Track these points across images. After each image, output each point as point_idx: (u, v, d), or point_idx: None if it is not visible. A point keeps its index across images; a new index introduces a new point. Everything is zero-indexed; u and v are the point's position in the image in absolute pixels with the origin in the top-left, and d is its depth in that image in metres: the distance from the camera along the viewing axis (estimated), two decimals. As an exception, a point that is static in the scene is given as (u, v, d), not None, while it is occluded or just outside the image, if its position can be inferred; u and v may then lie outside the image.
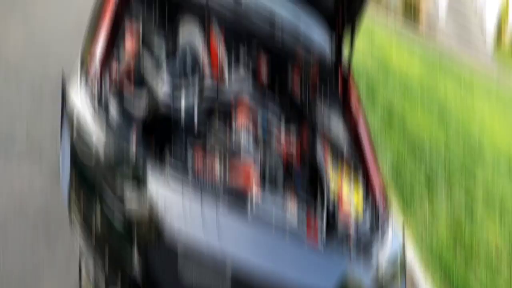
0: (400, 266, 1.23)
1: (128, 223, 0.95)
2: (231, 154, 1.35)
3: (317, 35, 1.97)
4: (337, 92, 1.81)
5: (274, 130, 1.56)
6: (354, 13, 1.64)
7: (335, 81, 1.85)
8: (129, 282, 0.95)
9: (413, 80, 6.22)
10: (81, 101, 1.07)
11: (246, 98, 1.57)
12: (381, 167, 3.14)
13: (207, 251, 0.94)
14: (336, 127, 1.64)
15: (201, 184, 1.13)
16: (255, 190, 1.24)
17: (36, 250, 1.41)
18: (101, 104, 1.08)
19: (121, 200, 0.95)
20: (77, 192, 1.03)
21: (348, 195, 1.34)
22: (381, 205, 1.30)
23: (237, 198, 1.12)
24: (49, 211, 1.51)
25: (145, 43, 1.54)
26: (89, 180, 1.04)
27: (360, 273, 1.12)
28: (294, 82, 1.87)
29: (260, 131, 1.51)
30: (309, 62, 1.86)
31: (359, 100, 1.77)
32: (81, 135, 1.03)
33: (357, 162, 1.48)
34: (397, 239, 1.25)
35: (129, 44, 1.40)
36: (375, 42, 7.52)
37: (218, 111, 1.54)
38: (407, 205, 2.95)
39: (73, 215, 1.02)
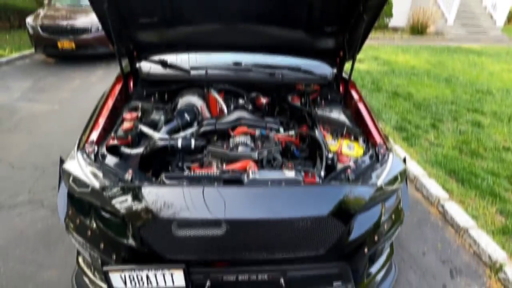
0: (400, 183, 1.54)
1: (122, 219, 1.32)
2: (229, 157, 1.63)
3: (318, 69, 2.37)
4: (338, 94, 2.31)
5: (272, 133, 1.89)
6: (354, 50, 2.03)
7: (336, 87, 2.35)
8: (124, 250, 1.34)
9: (418, 69, 7.06)
10: (77, 165, 1.46)
11: (244, 123, 1.91)
12: (388, 121, 4.12)
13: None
14: (337, 115, 2.06)
15: (196, 175, 1.46)
16: (252, 167, 1.53)
17: (38, 252, 2.07)
18: (97, 160, 1.51)
19: (114, 208, 1.30)
20: (73, 216, 1.48)
21: (348, 150, 1.76)
22: (381, 147, 1.65)
23: (233, 176, 1.44)
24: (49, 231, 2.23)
25: (143, 120, 1.96)
26: (84, 207, 1.47)
27: (360, 191, 1.40)
28: (294, 100, 2.28)
29: (258, 133, 1.85)
30: (309, 87, 2.34)
31: (360, 94, 2.18)
32: (76, 183, 1.43)
33: (358, 130, 1.90)
34: (397, 166, 1.58)
35: (126, 125, 1.81)
36: (382, 52, 8.72)
37: (217, 134, 1.90)
38: (413, 141, 3.69)
39: (70, 230, 1.45)
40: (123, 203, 1.33)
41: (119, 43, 2.02)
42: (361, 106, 2.06)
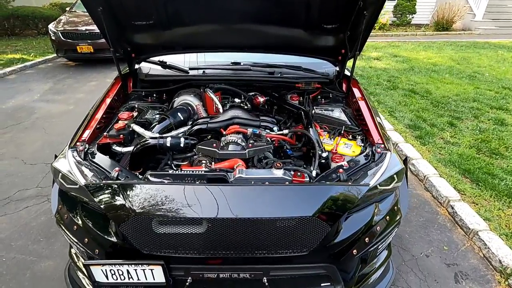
0: (396, 183, 1.52)
1: (104, 215, 1.33)
2: (218, 156, 1.62)
3: (320, 67, 2.34)
4: (340, 92, 2.26)
5: (264, 132, 1.86)
6: (356, 48, 1.98)
7: (339, 85, 2.30)
8: (106, 245, 1.36)
9: (440, 66, 6.72)
10: (66, 163, 1.52)
11: (237, 121, 1.91)
12: (401, 119, 3.94)
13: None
14: (337, 114, 2.04)
15: (180, 173, 1.46)
16: (240, 166, 1.54)
17: (38, 243, 2.16)
18: (87, 158, 1.57)
19: (97, 204, 1.32)
20: (62, 211, 1.53)
21: (345, 149, 1.74)
22: (378, 147, 1.62)
23: (217, 174, 1.43)
24: (51, 224, 2.31)
25: (138, 119, 1.99)
26: (71, 202, 1.52)
27: (349, 192, 1.37)
28: (293, 99, 2.22)
29: (250, 131, 1.83)
30: (310, 85, 2.28)
31: (362, 92, 2.13)
32: (64, 180, 1.48)
33: (357, 129, 1.90)
34: (394, 166, 1.54)
35: (119, 124, 1.84)
36: (402, 50, 8.42)
37: (211, 132, 1.92)
38: (426, 139, 3.49)
39: (59, 224, 1.52)
40: (105, 199, 1.36)
41: (116, 45, 2.07)
42: (362, 104, 1.99)
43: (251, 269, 1.40)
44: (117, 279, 1.38)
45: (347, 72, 2.34)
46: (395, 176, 1.55)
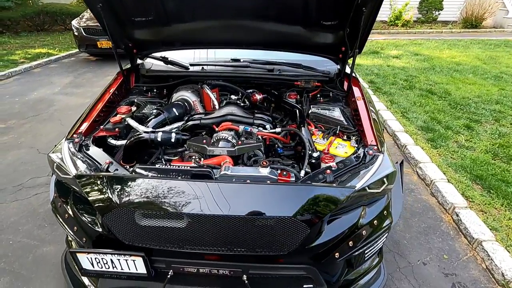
0: (387, 186, 1.49)
1: (91, 205, 1.36)
2: (207, 152, 1.64)
3: (320, 65, 2.31)
4: (340, 91, 2.21)
5: (255, 130, 1.83)
6: (357, 45, 1.92)
7: (340, 84, 2.25)
8: (92, 234, 1.42)
9: (464, 66, 6.38)
10: (61, 153, 1.60)
11: (230, 118, 1.90)
12: (414, 120, 3.78)
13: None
14: (334, 113, 1.98)
15: (166, 168, 1.50)
16: (227, 162, 1.55)
17: (43, 229, 2.28)
18: (81, 149, 1.63)
19: (84, 194, 1.37)
20: (57, 199, 1.61)
21: (338, 150, 1.71)
22: (371, 148, 1.58)
23: (202, 170, 1.44)
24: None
25: (135, 114, 2.01)
26: (64, 191, 1.58)
27: (333, 193, 1.34)
28: (291, 97, 2.17)
29: (241, 129, 1.82)
30: (309, 83, 2.23)
31: (361, 91, 2.08)
32: (59, 170, 1.56)
33: (353, 129, 1.84)
34: (385, 169, 1.50)
35: (115, 118, 1.88)
36: (424, 48, 8.09)
37: (204, 129, 1.94)
38: (439, 142, 3.32)
39: (54, 211, 1.61)
40: (91, 190, 1.41)
41: (118, 40, 2.12)
42: (360, 104, 1.94)
43: (230, 266, 1.42)
44: (102, 267, 1.43)
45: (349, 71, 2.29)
46: (385, 179, 1.52)
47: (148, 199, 1.35)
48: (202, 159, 1.71)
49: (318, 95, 2.26)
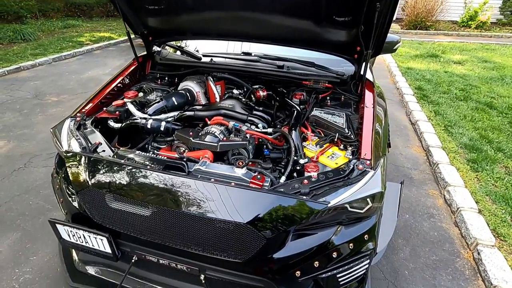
0: (373, 205, 1.34)
1: (71, 182, 1.46)
2: (192, 144, 1.64)
3: (335, 66, 2.17)
4: (352, 96, 2.04)
5: (244, 127, 1.77)
6: (373, 45, 1.76)
7: (355, 88, 2.08)
8: (71, 208, 1.50)
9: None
10: (62, 129, 1.71)
11: (223, 113, 1.88)
12: (458, 136, 3.31)
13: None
14: (338, 118, 1.82)
15: (144, 155, 1.54)
16: (207, 157, 1.55)
17: (43, 203, 2.44)
18: (79, 128, 1.72)
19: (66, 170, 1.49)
20: (54, 171, 1.72)
21: (329, 159, 1.58)
22: (363, 163, 1.43)
23: (175, 162, 1.44)
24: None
25: (139, 99, 2.06)
26: (60, 164, 1.66)
27: (301, 207, 1.25)
28: (296, 97, 2.06)
29: (231, 125, 1.77)
30: (318, 83, 2.10)
31: (374, 97, 1.89)
32: (59, 145, 1.65)
33: (353, 138, 1.69)
34: (371, 188, 1.34)
35: (118, 101, 1.97)
36: (497, 54, 7.13)
37: (200, 120, 1.92)
38: (482, 165, 2.86)
39: (52, 182, 1.73)
40: (73, 167, 1.51)
41: (134, 27, 2.21)
42: (366, 112, 1.75)
43: (188, 263, 1.40)
44: (77, 240, 1.52)
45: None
46: (369, 199, 1.34)
47: (118, 184, 1.40)
48: (186, 151, 1.72)
49: (328, 98, 2.10)
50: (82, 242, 1.51)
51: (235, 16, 2.01)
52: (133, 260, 1.51)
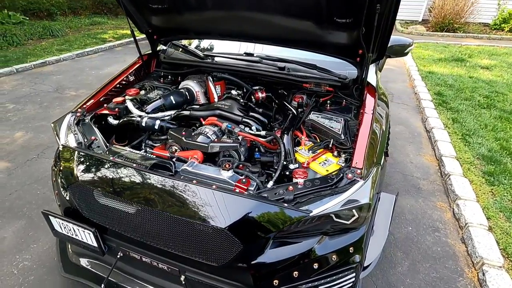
0: (358, 217, 1.29)
1: (64, 176, 1.53)
2: (183, 144, 1.65)
3: (338, 69, 2.09)
4: (354, 101, 1.99)
5: (237, 129, 1.75)
6: (375, 48, 1.69)
7: (355, 92, 2.01)
8: (64, 201, 1.53)
9: None
10: (62, 124, 1.76)
11: (218, 113, 1.87)
12: (476, 146, 3.13)
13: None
14: (335, 124, 1.77)
15: (134, 153, 1.57)
16: (196, 158, 1.56)
17: (50, 194, 2.41)
18: (78, 124, 1.77)
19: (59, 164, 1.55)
20: (54, 163, 1.70)
21: (320, 165, 1.53)
22: (353, 172, 1.36)
23: (162, 162, 1.44)
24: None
25: (140, 97, 2.08)
26: (58, 158, 1.65)
27: (281, 215, 1.23)
28: (295, 100, 2.02)
29: (224, 126, 1.76)
30: (319, 86, 2.05)
31: (375, 102, 1.82)
32: (57, 139, 1.70)
33: (348, 145, 1.64)
34: (358, 199, 1.28)
35: (118, 98, 1.98)
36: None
37: (196, 120, 1.92)
38: (499, 179, 2.67)
39: (51, 174, 1.69)
40: (66, 161, 1.56)
41: (138, 25, 2.25)
42: (365, 118, 1.68)
43: (168, 263, 1.41)
44: (67, 233, 1.56)
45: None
46: (355, 210, 1.29)
47: (104, 180, 1.43)
48: (178, 150, 1.72)
49: (328, 102, 2.03)
50: (72, 234, 1.55)
51: (236, 16, 1.99)
52: (118, 256, 1.54)
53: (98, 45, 7.28)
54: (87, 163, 1.52)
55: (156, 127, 1.82)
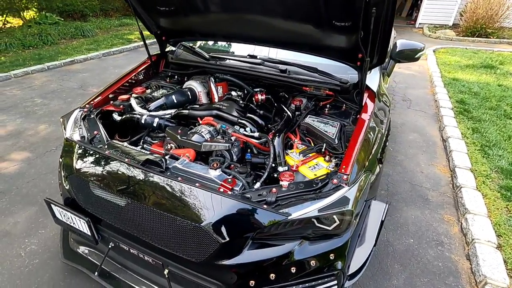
0: (340, 223, 1.28)
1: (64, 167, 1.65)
2: (179, 142, 1.69)
3: (339, 73, 2.07)
4: (354, 105, 1.96)
5: (231, 130, 1.77)
6: (375, 53, 1.68)
7: (355, 96, 1.98)
8: (64, 190, 1.64)
9: None
10: (70, 118, 1.87)
11: (215, 114, 1.91)
12: (495, 159, 2.95)
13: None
14: (330, 129, 1.75)
15: (128, 148, 1.65)
16: (188, 156, 1.60)
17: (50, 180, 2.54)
18: (84, 119, 1.87)
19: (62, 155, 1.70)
20: (61, 154, 1.78)
21: (308, 170, 1.53)
22: (339, 178, 1.34)
23: (154, 158, 1.49)
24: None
25: (145, 95, 2.19)
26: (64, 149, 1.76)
27: (260, 216, 1.24)
28: (294, 103, 2.01)
29: (219, 126, 1.78)
30: (319, 90, 2.04)
31: (373, 109, 1.79)
32: (64, 132, 1.80)
33: (340, 151, 1.62)
34: (342, 205, 1.26)
35: (124, 96, 2.08)
36: None
37: (193, 119, 1.98)
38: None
39: (58, 164, 1.81)
40: (68, 153, 1.67)
41: (146, 26, 2.35)
42: (360, 123, 1.66)
43: (153, 256, 1.46)
44: (67, 220, 1.66)
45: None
46: (336, 217, 1.27)
47: (98, 173, 1.52)
48: (174, 148, 1.78)
49: (328, 106, 2.01)
50: (70, 223, 1.64)
51: (239, 19, 2.02)
52: (109, 246, 1.61)
53: (123, 45, 7.62)
54: (85, 156, 1.61)
55: (155, 124, 1.89)
